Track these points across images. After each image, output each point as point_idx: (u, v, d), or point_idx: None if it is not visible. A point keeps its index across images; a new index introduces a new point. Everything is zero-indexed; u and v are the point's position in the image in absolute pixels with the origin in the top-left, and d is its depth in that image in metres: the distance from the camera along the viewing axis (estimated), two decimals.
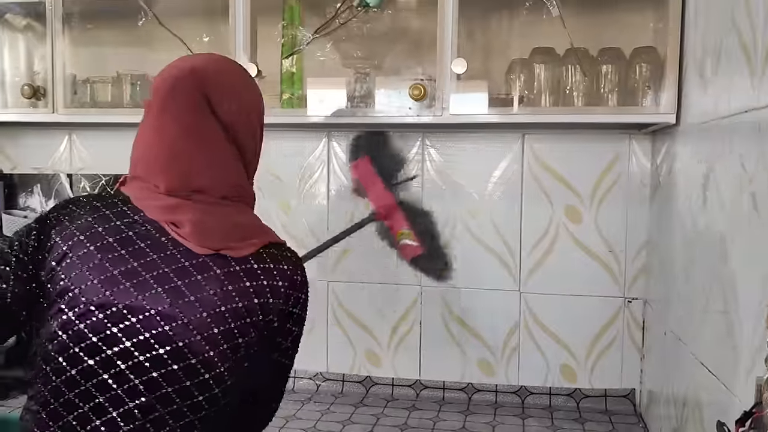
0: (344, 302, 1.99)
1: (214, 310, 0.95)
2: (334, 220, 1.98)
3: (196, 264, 0.97)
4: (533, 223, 1.87)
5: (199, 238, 0.98)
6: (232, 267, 0.98)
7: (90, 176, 2.10)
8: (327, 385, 2.00)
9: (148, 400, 0.93)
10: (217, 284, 0.96)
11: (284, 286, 1.01)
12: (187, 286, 0.96)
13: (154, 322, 0.93)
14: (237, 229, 1.02)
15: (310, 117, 1.71)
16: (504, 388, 1.91)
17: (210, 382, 0.95)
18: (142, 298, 0.94)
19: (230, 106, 1.03)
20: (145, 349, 0.93)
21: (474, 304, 1.92)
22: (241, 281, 0.98)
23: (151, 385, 0.93)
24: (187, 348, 0.93)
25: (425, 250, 1.83)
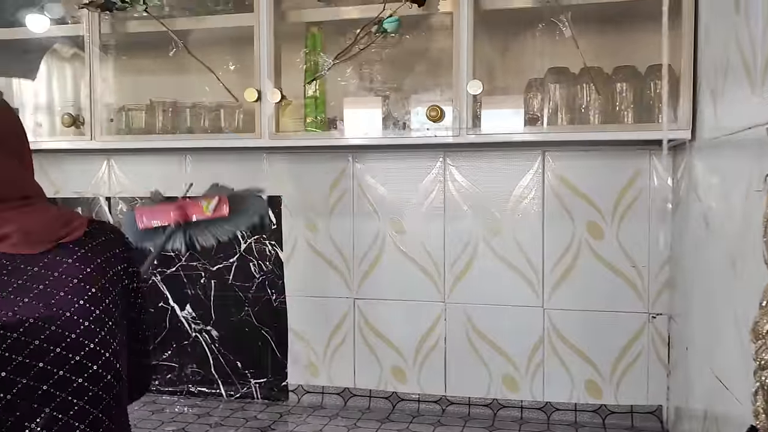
0: (370, 319, 2.03)
1: (88, 294, 1.00)
2: (358, 238, 2.02)
3: (45, 264, 1.00)
4: (555, 239, 1.89)
5: (31, 242, 1.01)
6: (79, 252, 1.02)
7: (127, 199, 2.20)
8: (354, 400, 2.04)
9: (63, 398, 0.96)
10: (75, 271, 1.00)
11: (122, 251, 1.08)
12: (51, 285, 0.98)
13: (40, 329, 0.96)
14: (58, 220, 1.05)
15: (333, 140, 1.77)
16: (529, 404, 1.91)
17: (111, 359, 1.00)
18: (12, 313, 0.95)
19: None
20: (43, 355, 0.95)
21: (498, 321, 1.93)
22: (92, 260, 1.03)
23: (62, 383, 0.96)
24: (82, 337, 0.97)
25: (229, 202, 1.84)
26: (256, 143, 1.79)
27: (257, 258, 2.11)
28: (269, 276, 2.10)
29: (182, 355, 2.17)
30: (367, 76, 1.81)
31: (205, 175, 2.13)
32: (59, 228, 1.04)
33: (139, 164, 2.19)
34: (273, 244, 2.09)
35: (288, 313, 2.09)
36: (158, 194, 1.91)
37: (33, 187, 1.08)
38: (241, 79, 1.87)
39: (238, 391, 2.13)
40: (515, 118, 1.67)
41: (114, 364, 1.02)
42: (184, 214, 1.89)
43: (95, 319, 1.01)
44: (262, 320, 2.11)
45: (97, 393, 1.00)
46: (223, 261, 2.13)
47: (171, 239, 1.88)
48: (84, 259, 1.02)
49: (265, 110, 1.76)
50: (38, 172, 2.15)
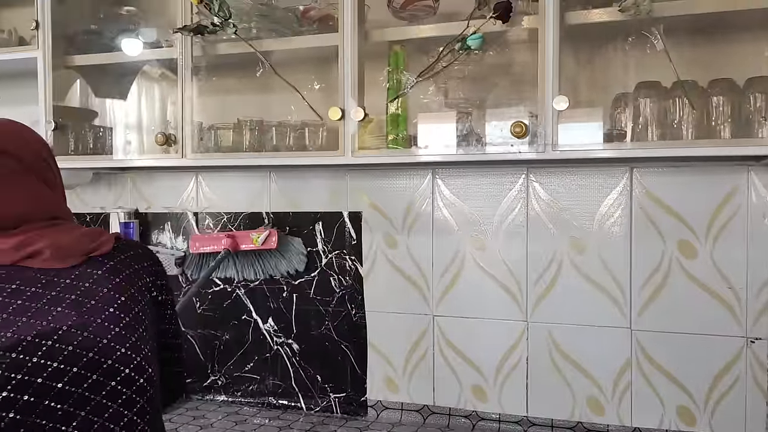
0: (449, 336, 2.01)
1: (118, 302, 1.04)
2: (438, 254, 2.02)
3: (76, 276, 1.04)
4: (644, 258, 1.82)
5: (63, 256, 1.05)
6: (108, 264, 1.08)
7: (214, 214, 2.28)
8: (433, 418, 2.02)
9: (98, 402, 0.99)
10: (105, 281, 1.05)
11: (150, 265, 1.15)
12: (83, 295, 1.03)
13: (72, 335, 0.99)
14: (87, 235, 1.10)
15: (414, 156, 1.78)
16: (616, 428, 1.85)
17: (143, 363, 1.04)
18: (47, 322, 0.99)
19: (12, 142, 1.09)
20: (76, 360, 0.98)
21: (582, 341, 1.88)
22: (121, 272, 1.08)
23: (95, 387, 0.99)
24: (113, 342, 1.01)
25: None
26: (339, 161, 1.82)
27: (338, 272, 2.13)
28: (349, 291, 2.12)
29: (264, 367, 2.22)
30: (448, 93, 1.81)
31: (288, 192, 2.18)
32: (88, 242, 1.10)
33: (225, 180, 2.26)
34: (353, 259, 2.11)
35: (367, 328, 2.10)
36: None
37: (62, 210, 1.14)
38: (325, 97, 1.90)
39: (318, 405, 2.15)
40: (598, 133, 1.62)
41: (146, 368, 1.06)
42: (235, 243, 2.15)
43: (125, 325, 1.05)
44: (342, 335, 2.13)
45: (131, 396, 1.03)
46: (304, 275, 2.16)
47: (220, 266, 2.18)
48: (113, 271, 1.08)
49: (348, 128, 1.78)
50: (130, 189, 2.26)
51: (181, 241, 2.31)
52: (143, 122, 2.23)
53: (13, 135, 1.11)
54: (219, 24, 1.88)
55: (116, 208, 2.36)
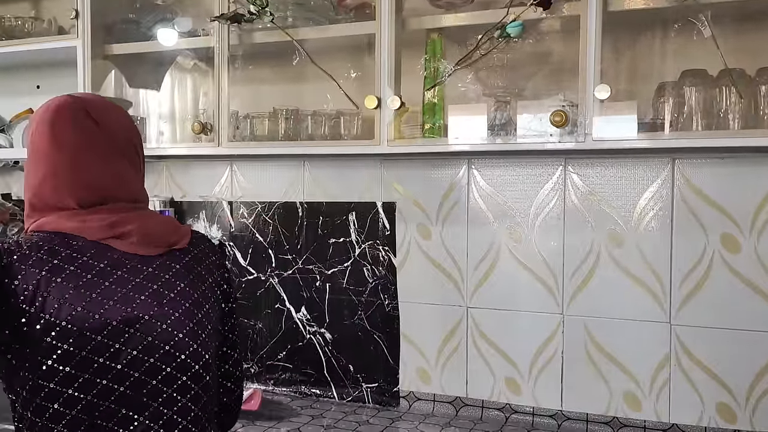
0: (483, 328, 2.00)
1: (192, 299, 1.08)
2: (473, 246, 2.00)
3: (158, 266, 1.07)
4: (685, 252, 1.78)
5: (148, 243, 1.08)
6: (185, 259, 1.11)
7: (248, 203, 2.29)
8: (466, 410, 2.01)
9: (169, 395, 1.03)
10: (182, 277, 1.09)
11: (218, 258, 1.19)
12: (163, 286, 1.06)
13: (153, 326, 1.02)
14: (169, 225, 1.14)
15: (452, 146, 1.76)
16: (653, 424, 1.81)
17: (210, 361, 1.08)
18: (131, 309, 1.01)
19: (109, 119, 1.10)
20: (154, 351, 1.02)
21: (620, 335, 1.85)
22: (194, 269, 1.12)
23: (168, 380, 1.03)
24: (187, 338, 1.05)
25: None
26: (374, 150, 1.81)
27: (371, 263, 2.12)
28: (382, 281, 2.11)
29: (296, 356, 2.22)
30: (486, 82, 1.78)
31: (322, 182, 2.18)
32: (171, 234, 1.13)
33: (260, 170, 2.26)
34: (386, 249, 2.11)
35: (400, 319, 2.09)
36: None
37: (143, 194, 1.16)
38: (361, 86, 1.90)
39: (350, 395, 2.15)
40: (640, 123, 1.59)
41: (211, 366, 1.10)
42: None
43: (198, 322, 1.08)
44: (375, 325, 2.12)
45: (198, 392, 1.07)
46: (338, 265, 2.16)
47: None
48: (189, 266, 1.12)
49: (384, 117, 1.77)
50: (166, 177, 2.28)
51: (215, 229, 2.33)
52: (176, 112, 2.25)
53: (112, 113, 1.13)
54: (256, 12, 1.88)
55: (152, 196, 2.38)
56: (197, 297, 1.10)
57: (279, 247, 2.24)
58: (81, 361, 0.97)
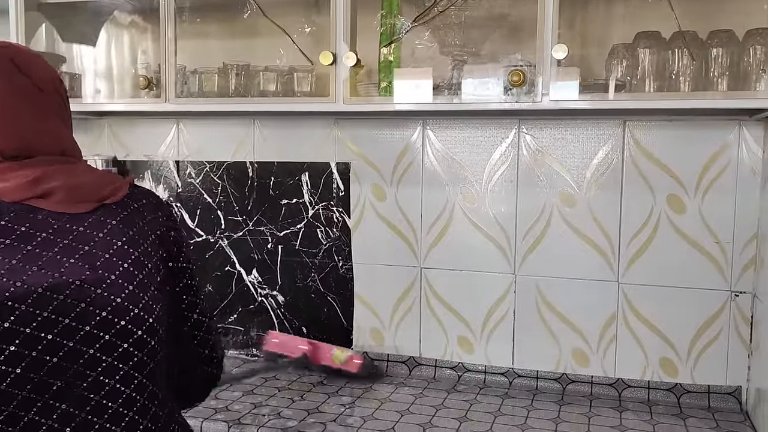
0: (437, 288, 2.01)
1: (132, 258, 0.99)
2: (427, 207, 2.00)
3: (90, 224, 0.99)
4: (633, 212, 1.83)
5: (75, 199, 0.99)
6: (122, 213, 1.02)
7: (195, 163, 2.21)
8: (419, 370, 2.03)
9: (109, 363, 0.94)
10: (119, 233, 1.00)
11: (164, 214, 1.09)
12: (97, 246, 0.97)
13: (86, 291, 0.94)
14: (101, 178, 1.05)
15: (408, 104, 1.73)
16: (600, 379, 1.88)
17: (153, 324, 0.99)
18: (59, 274, 0.93)
19: (36, 67, 1.03)
20: (89, 318, 0.93)
21: (570, 295, 1.89)
22: (135, 223, 1.03)
23: (107, 348, 0.94)
24: (127, 302, 0.96)
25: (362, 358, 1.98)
26: (329, 108, 1.77)
27: (324, 224, 2.10)
28: (336, 243, 2.09)
29: (248, 319, 2.19)
30: (443, 40, 1.76)
31: (274, 141, 2.12)
32: (102, 187, 1.03)
33: (208, 128, 2.19)
34: (340, 210, 2.08)
35: (354, 280, 2.09)
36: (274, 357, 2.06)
37: (73, 148, 1.07)
38: (315, 42, 1.85)
39: None
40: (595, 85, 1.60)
41: (157, 330, 1.01)
42: (315, 355, 2.00)
43: (138, 283, 0.99)
44: (329, 287, 2.11)
45: (142, 359, 0.99)
46: (290, 227, 2.13)
47: (290, 368, 2.04)
48: (127, 221, 1.02)
49: (340, 74, 1.73)
50: (108, 135, 2.18)
51: (162, 190, 2.25)
52: (114, 69, 2.14)
53: (33, 60, 1.04)
54: None
55: (93, 155, 2.28)
56: (137, 255, 1.00)
57: (228, 208, 2.19)
58: (4, 333, 0.89)
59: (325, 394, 1.86)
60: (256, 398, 1.82)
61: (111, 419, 0.96)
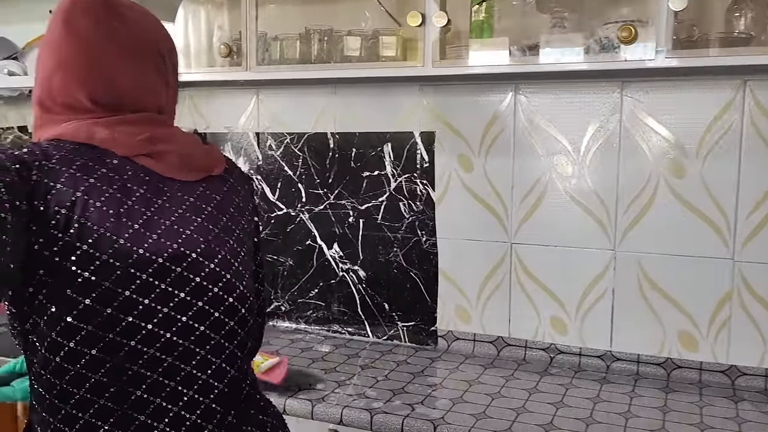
0: (528, 265, 1.89)
1: (235, 234, 0.98)
2: (518, 178, 1.87)
3: (199, 195, 0.96)
4: (752, 182, 1.65)
5: (187, 167, 0.96)
6: (224, 187, 1.00)
7: (276, 135, 2.16)
8: (508, 350, 1.92)
9: (217, 341, 0.92)
10: (224, 209, 0.98)
11: (251, 187, 1.10)
12: (207, 219, 0.95)
13: (201, 265, 0.91)
14: (202, 148, 1.01)
15: (500, 67, 1.61)
16: (710, 366, 1.72)
17: (236, 305, 0.96)
18: (177, 245, 0.89)
19: (134, 17, 0.95)
20: (202, 293, 0.91)
21: (677, 273, 1.73)
22: (233, 200, 1.01)
23: (217, 325, 0.92)
24: (235, 278, 0.95)
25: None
26: (418, 72, 1.67)
27: (407, 197, 2.01)
28: (420, 216, 2.00)
29: (329, 294, 2.14)
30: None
31: (355, 110, 2.04)
32: (208, 157, 1.00)
33: (288, 98, 2.13)
34: (425, 183, 1.98)
35: (438, 256, 1.99)
36: None
37: (171, 109, 1.02)
38: (401, 3, 1.74)
39: (385, 334, 2.07)
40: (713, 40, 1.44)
41: (254, 308, 0.99)
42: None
43: (241, 261, 0.96)
44: (411, 262, 2.02)
45: (243, 337, 0.96)
46: (372, 200, 2.05)
47: None
48: (229, 197, 0.99)
49: (429, 35, 1.62)
50: (188, 107, 2.14)
51: (242, 162, 2.21)
52: (191, 44, 2.09)
53: (139, 12, 0.98)
54: None
55: None
56: (239, 233, 0.98)
57: (309, 180, 2.13)
58: (124, 301, 0.84)
59: (410, 374, 1.78)
60: (339, 376, 1.76)
61: (217, 399, 0.93)
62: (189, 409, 0.89)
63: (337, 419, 1.54)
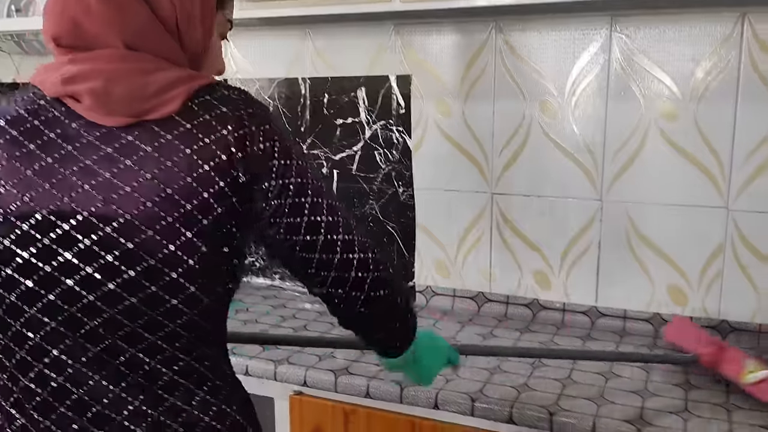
0: (510, 216, 1.78)
1: (160, 196, 0.78)
2: (500, 124, 1.74)
3: (120, 147, 0.79)
4: (749, 125, 1.52)
5: (106, 110, 0.80)
6: (163, 137, 0.79)
7: (246, 81, 2.02)
8: (489, 306, 1.83)
9: (112, 316, 0.79)
10: (153, 164, 0.79)
11: (235, 134, 0.80)
12: (118, 176, 0.78)
13: (91, 226, 0.78)
14: (150, 85, 0.80)
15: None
16: (700, 321, 1.62)
17: (180, 280, 0.79)
18: (69, 200, 0.78)
19: None
20: (90, 258, 0.78)
21: (666, 224, 1.62)
22: (179, 151, 0.79)
23: (110, 299, 0.79)
24: (140, 248, 0.78)
25: None
26: (385, 7, 1.53)
27: (383, 146, 1.89)
28: (396, 166, 1.88)
29: None
30: None
31: (328, 54, 1.90)
32: (144, 98, 0.80)
33: (258, 42, 1.99)
34: (400, 130, 1.86)
35: (416, 208, 1.88)
36: None
37: (148, 43, 0.82)
38: None
39: None
40: None
41: (184, 287, 0.80)
42: (717, 361, 1.35)
43: (167, 228, 0.78)
44: (388, 215, 1.92)
45: (159, 320, 0.81)
46: (346, 149, 1.93)
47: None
48: (171, 148, 0.79)
49: None
50: None
51: None
52: None
53: None
54: None
55: None
56: (171, 193, 0.78)
57: None
58: (3, 251, 0.78)
59: None
60: (309, 335, 1.67)
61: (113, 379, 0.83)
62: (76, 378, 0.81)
63: (301, 381, 1.46)
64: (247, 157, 0.81)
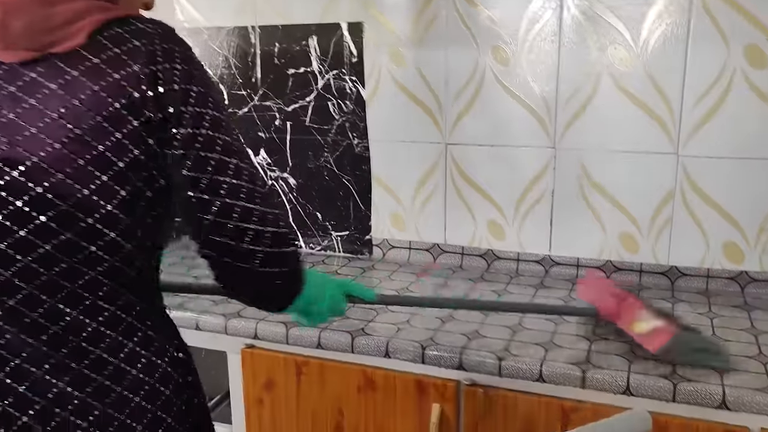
0: (464, 167, 1.76)
1: (68, 137, 0.74)
2: (453, 72, 1.71)
3: (23, 85, 0.75)
4: (700, 70, 1.51)
5: (6, 44, 0.75)
6: (68, 73, 0.75)
7: (193, 30, 1.96)
8: (444, 257, 1.83)
9: (26, 265, 0.76)
10: (59, 102, 0.74)
11: (146, 69, 0.76)
12: (23, 117, 0.74)
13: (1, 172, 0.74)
14: (54, 16, 0.75)
15: None
16: (650, 267, 1.64)
17: (98, 226, 0.76)
18: None
19: None
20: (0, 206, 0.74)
21: (618, 171, 1.62)
22: (85, 88, 0.75)
23: (22, 246, 0.75)
24: (51, 192, 0.74)
25: (678, 330, 1.25)
26: None
27: (336, 96, 1.85)
28: (350, 117, 1.85)
29: None
30: None
31: (277, 1, 1.84)
32: (52, 29, 0.75)
33: None
34: (353, 80, 1.82)
35: (371, 160, 1.85)
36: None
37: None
38: None
39: (319, 244, 1.96)
40: None
41: (102, 232, 0.77)
42: (616, 312, 1.32)
43: (79, 170, 0.74)
44: (343, 168, 1.89)
45: (77, 268, 0.77)
46: (299, 100, 1.89)
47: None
48: (77, 85, 0.74)
49: None
50: None
51: None
52: None
53: None
54: None
55: None
56: (80, 134, 0.74)
57: (231, 81, 1.95)
58: None
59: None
60: None
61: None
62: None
63: (252, 334, 1.44)
64: (159, 96, 0.77)
